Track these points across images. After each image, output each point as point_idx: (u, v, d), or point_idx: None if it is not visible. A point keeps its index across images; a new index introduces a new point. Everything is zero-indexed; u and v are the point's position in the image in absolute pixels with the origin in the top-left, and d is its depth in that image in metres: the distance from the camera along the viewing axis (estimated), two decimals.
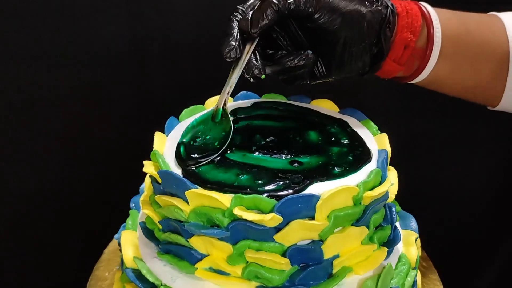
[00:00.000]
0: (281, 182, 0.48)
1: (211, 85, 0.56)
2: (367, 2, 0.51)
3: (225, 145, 0.52)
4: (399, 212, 0.61)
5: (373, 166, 0.52)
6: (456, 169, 0.86)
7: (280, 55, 0.52)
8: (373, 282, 0.51)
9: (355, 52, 0.51)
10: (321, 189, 0.48)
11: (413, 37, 0.52)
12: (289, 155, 0.52)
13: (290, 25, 0.52)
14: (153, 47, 0.76)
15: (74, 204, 0.82)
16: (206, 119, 0.55)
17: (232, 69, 0.52)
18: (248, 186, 0.48)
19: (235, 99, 0.64)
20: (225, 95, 0.53)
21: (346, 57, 0.52)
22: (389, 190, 0.52)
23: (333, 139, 0.55)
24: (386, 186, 0.50)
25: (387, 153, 0.53)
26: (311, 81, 0.54)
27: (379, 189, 0.50)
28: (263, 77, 0.52)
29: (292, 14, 0.50)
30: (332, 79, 0.54)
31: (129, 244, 0.56)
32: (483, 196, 0.88)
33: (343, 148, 0.54)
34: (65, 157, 0.80)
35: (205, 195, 0.47)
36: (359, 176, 0.50)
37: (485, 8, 0.57)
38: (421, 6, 0.54)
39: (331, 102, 0.63)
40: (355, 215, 0.49)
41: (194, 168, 0.50)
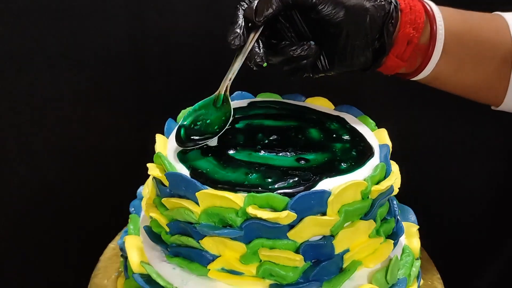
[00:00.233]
0: (291, 180, 0.49)
1: (211, 85, 0.55)
2: None
3: (224, 129, 0.53)
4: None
5: (376, 160, 0.53)
6: (456, 168, 0.86)
7: (284, 45, 0.53)
8: (382, 274, 0.52)
9: (357, 46, 0.52)
10: (330, 185, 0.49)
11: (416, 33, 0.52)
12: (294, 152, 0.53)
13: (294, 16, 0.53)
14: (153, 47, 0.76)
15: (74, 204, 0.81)
16: (207, 104, 0.55)
17: (235, 56, 0.53)
18: (259, 184, 0.48)
19: (231, 99, 0.64)
20: (227, 81, 0.54)
21: (348, 51, 0.52)
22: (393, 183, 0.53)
23: (334, 135, 0.56)
24: (392, 180, 0.51)
25: (388, 148, 0.55)
26: (313, 74, 0.54)
27: (385, 182, 0.51)
28: (265, 65, 0.52)
29: (296, 4, 0.51)
30: (334, 73, 0.54)
31: (134, 249, 0.55)
32: (484, 195, 0.88)
33: (345, 144, 0.55)
34: (65, 157, 0.79)
35: (217, 195, 0.47)
36: (365, 170, 0.51)
37: (488, 8, 0.57)
38: (424, 3, 0.54)
39: (325, 100, 0.64)
40: (364, 209, 0.50)
41: (202, 170, 0.50)
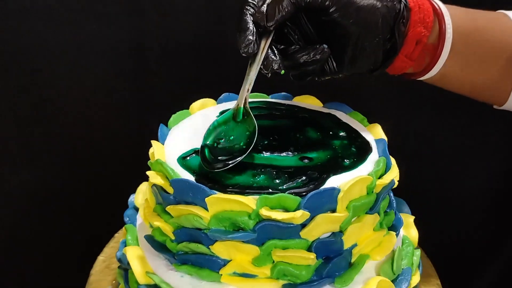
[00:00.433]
0: (299, 179, 0.49)
1: (211, 85, 0.55)
2: None
3: (252, 145, 0.50)
4: None
5: (375, 155, 0.54)
6: (456, 168, 0.85)
7: (294, 49, 0.51)
8: (388, 266, 0.53)
9: (368, 48, 0.50)
10: (337, 182, 0.49)
11: (426, 31, 0.51)
12: (296, 152, 0.53)
13: (300, 19, 0.51)
14: (153, 47, 0.74)
15: (74, 204, 0.81)
16: (227, 119, 0.53)
17: (249, 65, 0.51)
18: (268, 186, 0.48)
19: (218, 101, 0.64)
20: (245, 92, 0.52)
21: (359, 53, 0.50)
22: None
23: (330, 132, 0.57)
24: (394, 173, 0.53)
25: (385, 142, 0.56)
26: (320, 78, 0.53)
27: (388, 176, 0.52)
28: (282, 72, 0.50)
29: (309, 7, 0.49)
30: (342, 75, 0.53)
31: (136, 259, 0.54)
32: (484, 195, 0.87)
33: (343, 140, 0.55)
34: (64, 157, 0.78)
35: (229, 199, 0.47)
36: (367, 166, 0.52)
37: (492, 6, 0.57)
38: (432, 1, 0.53)
39: (313, 98, 0.64)
40: (370, 204, 0.51)
41: (207, 175, 0.49)
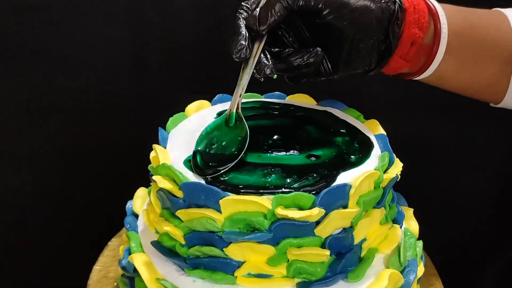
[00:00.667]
0: (310, 177, 0.49)
1: (211, 85, 0.54)
2: None
3: (243, 151, 0.50)
4: None
5: (377, 150, 0.55)
6: (457, 170, 0.85)
7: (287, 53, 0.51)
8: (395, 258, 0.54)
9: (363, 49, 0.50)
10: (347, 178, 0.50)
11: (421, 33, 0.51)
12: (302, 150, 0.53)
13: (295, 21, 0.51)
14: (153, 47, 0.73)
15: (75, 204, 0.80)
16: (219, 124, 0.53)
17: (242, 69, 0.51)
18: (281, 185, 0.48)
19: (213, 102, 0.63)
20: (237, 98, 0.52)
21: (353, 54, 0.50)
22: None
23: (331, 130, 0.57)
24: (398, 167, 0.54)
25: (386, 137, 0.57)
26: (315, 79, 0.53)
27: (393, 170, 0.53)
28: (275, 77, 0.50)
29: (301, 10, 0.48)
30: (337, 76, 0.53)
31: (144, 266, 0.52)
32: (484, 196, 0.88)
33: (345, 137, 0.56)
34: (64, 158, 0.77)
35: (244, 200, 0.47)
36: (372, 161, 0.53)
37: (488, 4, 0.57)
38: (427, 1, 0.53)
39: (307, 96, 0.65)
40: (378, 198, 0.52)
41: (217, 176, 0.49)
